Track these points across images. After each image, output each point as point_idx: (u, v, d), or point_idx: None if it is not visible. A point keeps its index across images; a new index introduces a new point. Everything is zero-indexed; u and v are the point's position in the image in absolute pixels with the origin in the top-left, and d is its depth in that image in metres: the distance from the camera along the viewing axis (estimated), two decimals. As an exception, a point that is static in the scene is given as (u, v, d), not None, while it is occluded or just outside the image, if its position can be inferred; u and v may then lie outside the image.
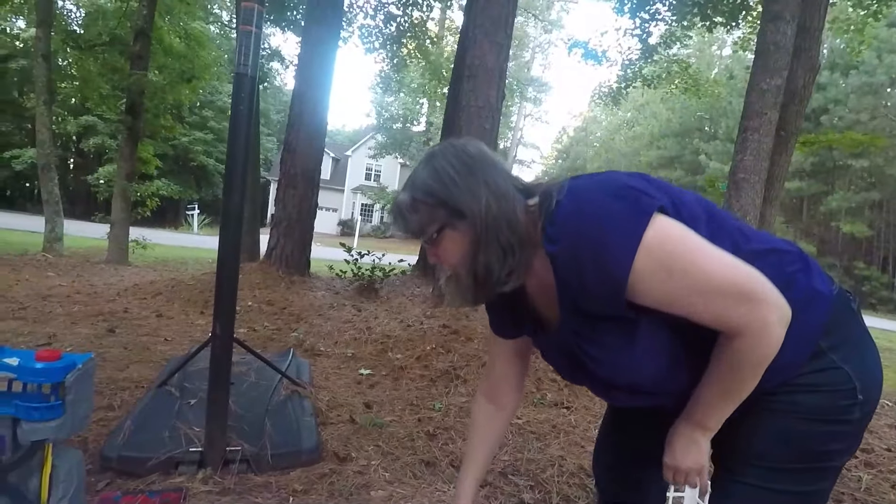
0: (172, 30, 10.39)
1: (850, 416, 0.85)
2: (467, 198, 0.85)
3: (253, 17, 1.91)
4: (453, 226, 0.87)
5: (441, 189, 0.87)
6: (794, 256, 0.88)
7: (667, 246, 0.76)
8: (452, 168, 0.87)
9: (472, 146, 0.91)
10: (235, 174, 1.92)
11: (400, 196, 0.92)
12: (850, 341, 0.87)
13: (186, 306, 4.50)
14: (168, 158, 25.44)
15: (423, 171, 0.90)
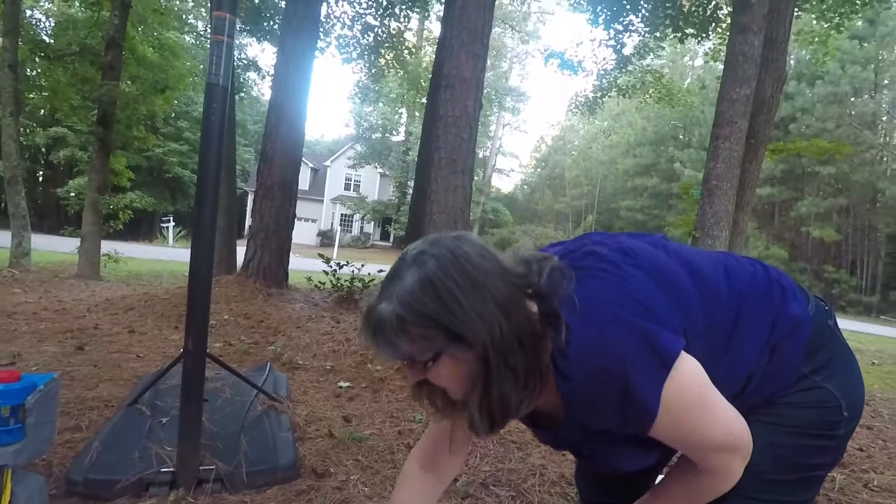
0: (146, 40, 10.24)
1: (837, 432, 0.87)
2: (474, 323, 0.71)
3: (225, 27, 1.89)
4: (452, 353, 0.74)
5: (441, 312, 0.71)
6: (774, 287, 0.90)
7: (683, 401, 0.74)
8: (455, 284, 0.72)
9: (471, 247, 0.76)
10: (207, 185, 1.89)
11: (381, 308, 0.73)
12: (832, 362, 0.89)
13: (160, 321, 4.39)
14: (142, 170, 25.03)
15: (415, 283, 0.72)
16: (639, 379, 0.71)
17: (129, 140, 10.16)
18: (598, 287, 0.77)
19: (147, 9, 10.13)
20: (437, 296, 0.71)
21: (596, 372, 0.72)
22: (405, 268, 0.75)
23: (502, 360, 0.73)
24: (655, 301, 0.77)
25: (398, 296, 0.73)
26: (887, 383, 5.45)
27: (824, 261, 23.24)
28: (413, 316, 0.72)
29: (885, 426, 3.38)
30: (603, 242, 0.88)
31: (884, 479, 2.54)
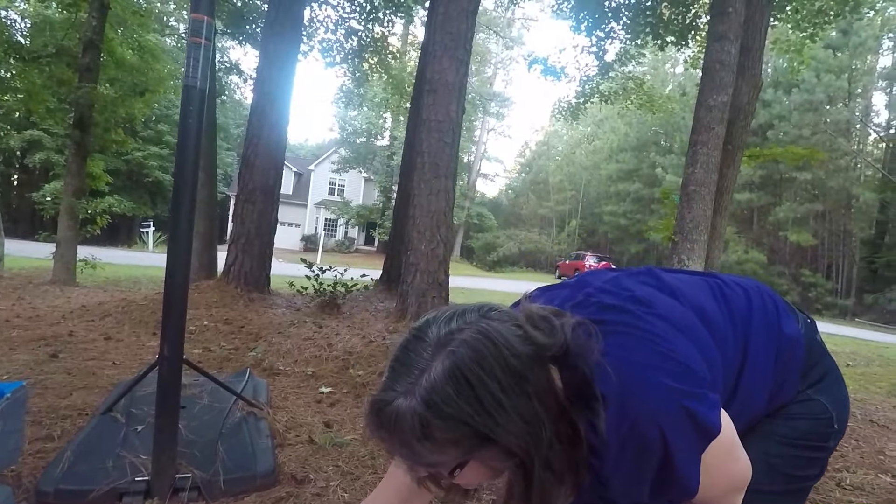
0: (125, 42, 10.09)
1: (828, 444, 0.89)
2: (517, 427, 0.61)
3: (202, 29, 1.87)
4: (484, 458, 0.63)
5: (478, 417, 0.59)
6: (769, 306, 0.90)
7: (715, 462, 0.70)
8: (496, 381, 0.60)
9: (503, 325, 0.64)
10: (184, 189, 1.87)
11: (399, 405, 0.60)
12: (823, 378, 0.90)
13: (137, 327, 4.31)
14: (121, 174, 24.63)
15: (446, 378, 0.59)
16: (680, 456, 0.66)
17: (107, 143, 9.97)
18: (628, 347, 0.69)
19: (126, 10, 9.98)
20: (475, 397, 0.59)
21: (632, 449, 0.66)
22: (427, 351, 0.62)
23: (545, 465, 0.64)
24: (690, 357, 0.71)
25: (423, 392, 0.59)
26: (860, 384, 5.56)
27: (801, 265, 23.72)
28: (442, 421, 0.59)
29: (858, 426, 3.45)
30: (608, 290, 0.80)
31: (856, 478, 2.59)
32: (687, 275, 0.94)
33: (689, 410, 0.65)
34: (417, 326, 0.67)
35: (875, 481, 2.58)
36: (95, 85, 7.92)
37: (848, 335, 11.08)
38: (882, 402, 4.22)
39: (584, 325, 0.68)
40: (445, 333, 0.63)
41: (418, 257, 4.69)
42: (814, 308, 21.48)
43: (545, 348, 0.64)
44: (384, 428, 0.62)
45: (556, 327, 0.66)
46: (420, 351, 0.63)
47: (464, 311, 0.66)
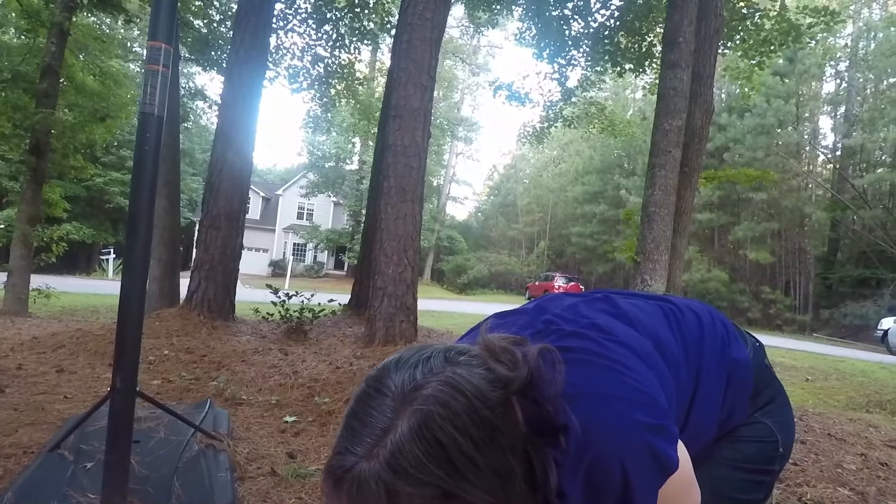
0: (86, 67, 9.93)
1: (772, 467, 0.90)
2: (490, 485, 0.56)
3: (160, 56, 1.87)
4: None
5: (450, 479, 0.54)
6: (718, 328, 0.90)
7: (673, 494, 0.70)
8: (470, 440, 0.55)
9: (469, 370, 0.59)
10: (140, 216, 1.83)
11: (361, 470, 0.54)
12: (771, 401, 0.92)
13: (93, 359, 4.14)
14: (80, 200, 23.90)
15: (412, 440, 0.54)
16: (639, 490, 0.65)
17: (65, 169, 9.74)
18: (592, 377, 0.68)
19: (88, 36, 9.86)
20: (447, 458, 0.54)
21: (593, 480, 0.65)
22: (390, 408, 0.56)
23: None
24: (652, 387, 0.71)
25: (388, 456, 0.53)
26: (819, 398, 5.73)
27: (761, 282, 24.50)
28: (411, 487, 0.53)
29: (817, 440, 3.53)
30: (568, 318, 0.79)
31: (816, 493, 2.65)
32: (643, 300, 0.94)
33: (652, 447, 0.65)
34: (375, 377, 0.60)
35: (834, 495, 2.65)
36: (53, 110, 7.74)
37: (807, 350, 11.45)
38: (839, 416, 4.35)
39: (548, 353, 0.65)
40: (410, 387, 0.57)
41: (386, 281, 4.68)
42: (774, 324, 22.14)
43: (510, 383, 0.60)
44: (345, 494, 0.55)
45: (518, 359, 0.63)
46: (382, 407, 0.56)
47: (428, 356, 0.61)
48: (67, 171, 10.09)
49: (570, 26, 9.36)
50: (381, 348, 4.43)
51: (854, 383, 6.61)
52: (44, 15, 8.00)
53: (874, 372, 7.47)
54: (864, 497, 2.65)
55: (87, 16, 9.81)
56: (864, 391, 6.19)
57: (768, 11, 8.06)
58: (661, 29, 7.99)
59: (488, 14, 11.17)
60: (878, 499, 2.65)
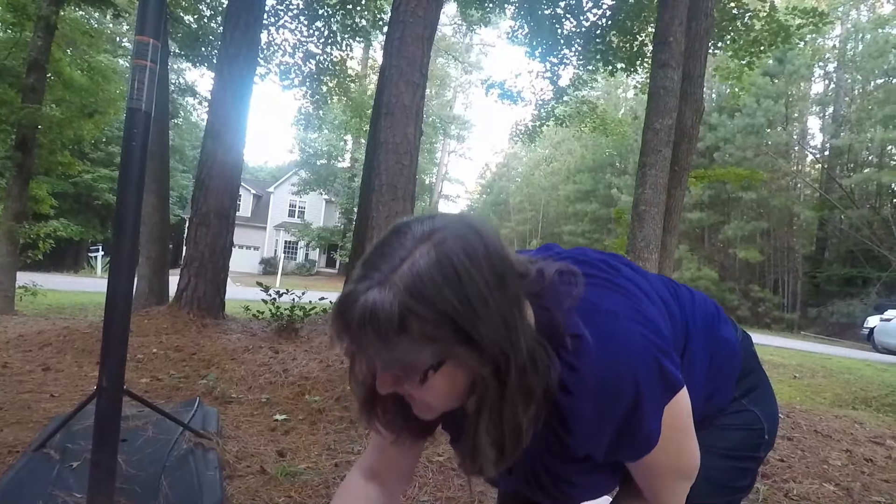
0: (74, 62, 9.82)
1: (758, 454, 0.91)
2: (498, 329, 0.58)
3: (148, 52, 1.85)
4: (459, 362, 0.59)
5: (462, 309, 0.56)
6: (710, 307, 0.91)
7: (675, 424, 0.70)
8: (482, 277, 0.57)
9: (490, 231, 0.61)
10: (127, 213, 1.81)
11: (373, 296, 0.55)
12: (756, 387, 0.93)
13: (80, 357, 4.10)
14: (68, 197, 23.64)
15: (432, 267, 0.55)
16: (649, 405, 0.65)
17: (52, 166, 9.61)
18: (607, 297, 0.69)
19: (76, 31, 9.74)
20: (461, 289, 0.55)
21: (606, 390, 0.64)
22: (409, 244, 0.57)
23: (520, 377, 0.60)
24: (658, 318, 0.73)
25: (406, 279, 0.55)
26: (807, 396, 5.80)
27: (750, 281, 24.73)
28: (425, 309, 0.54)
29: (804, 437, 3.58)
30: (573, 257, 0.80)
31: (802, 489, 2.68)
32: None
33: (660, 363, 0.65)
34: (396, 225, 0.62)
35: (820, 490, 2.68)
36: (40, 106, 7.64)
37: (795, 348, 11.57)
38: (825, 413, 4.40)
39: (566, 270, 0.68)
40: (430, 228, 0.58)
41: (377, 279, 4.67)
42: (763, 322, 22.36)
43: (524, 277, 0.63)
44: (354, 323, 0.55)
45: (536, 268, 0.66)
46: (402, 242, 0.57)
47: (443, 213, 0.63)
48: (55, 168, 9.96)
49: (563, 25, 9.37)
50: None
51: (840, 380, 6.69)
52: (30, 8, 7.88)
53: (860, 369, 7.56)
54: (848, 492, 2.69)
55: (74, 10, 9.70)
56: (850, 388, 6.26)
57: (758, 12, 8.12)
58: (652, 28, 8.02)
59: (481, 12, 11.17)
60: (863, 494, 2.69)
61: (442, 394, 0.63)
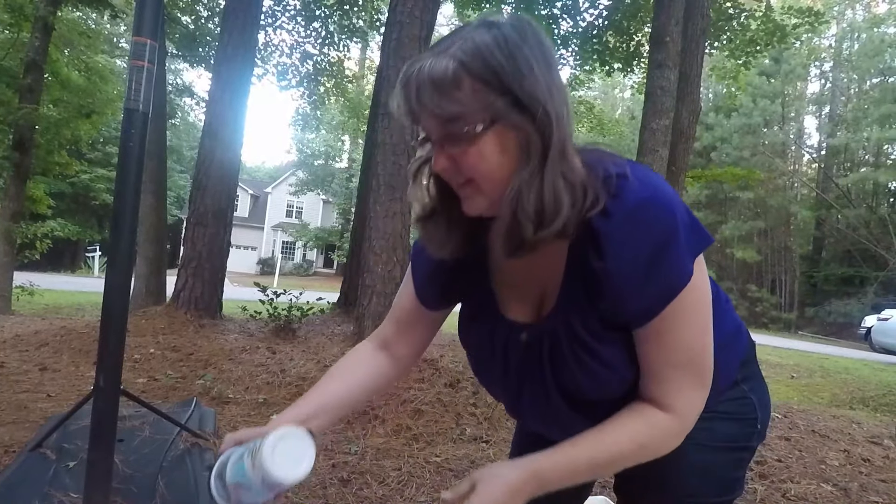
0: (71, 63, 9.81)
1: (752, 444, 0.90)
2: (543, 91, 0.62)
3: (145, 52, 1.85)
4: (508, 123, 0.63)
5: (510, 69, 0.61)
6: (724, 295, 0.89)
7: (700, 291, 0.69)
8: (531, 52, 0.63)
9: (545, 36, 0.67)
10: (124, 213, 1.81)
11: (431, 63, 0.62)
12: (755, 375, 0.91)
13: (77, 357, 4.09)
14: (66, 197, 23.60)
15: (487, 38, 0.62)
16: (683, 238, 0.64)
17: (49, 166, 9.61)
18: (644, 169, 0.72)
19: (73, 31, 9.73)
20: (511, 54, 0.61)
21: (643, 213, 0.64)
22: (466, 32, 0.63)
23: (561, 147, 0.63)
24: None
25: (460, 48, 0.62)
26: (805, 396, 5.80)
27: (748, 280, 24.80)
28: (477, 64, 0.61)
29: (801, 437, 3.58)
30: None
31: (800, 489, 2.69)
32: None
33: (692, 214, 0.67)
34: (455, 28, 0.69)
35: (818, 491, 2.69)
36: (37, 106, 7.63)
37: (792, 348, 11.59)
38: (823, 413, 4.41)
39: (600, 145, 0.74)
40: (486, 19, 0.65)
41: (374, 280, 4.67)
42: (760, 322, 22.40)
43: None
44: (414, 83, 0.62)
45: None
46: (460, 31, 0.65)
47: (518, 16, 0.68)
48: (52, 168, 9.96)
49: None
50: (370, 346, 4.41)
51: (838, 380, 6.71)
52: (27, 9, 7.87)
53: (857, 369, 7.58)
54: (846, 493, 2.70)
55: (72, 11, 9.69)
56: (847, 388, 6.28)
57: (754, 12, 8.15)
58: (648, 29, 8.04)
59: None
60: (860, 494, 2.69)
61: (491, 159, 0.65)
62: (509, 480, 0.68)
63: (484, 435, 2.97)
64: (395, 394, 3.36)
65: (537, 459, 0.70)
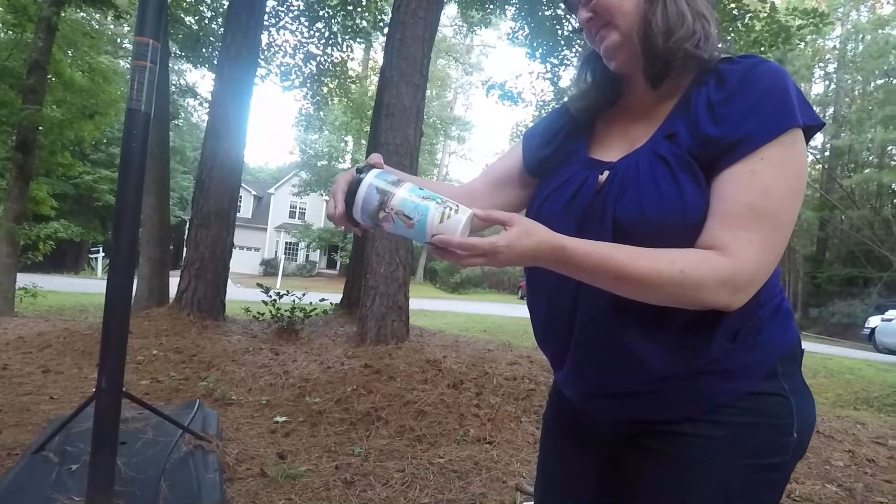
0: (75, 63, 9.82)
1: (784, 459, 0.75)
2: None
3: (147, 53, 1.84)
4: None
5: None
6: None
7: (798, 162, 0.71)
8: None
9: None
10: (126, 213, 1.81)
11: None
12: (799, 379, 0.80)
13: (80, 359, 4.09)
14: (69, 198, 23.65)
15: None
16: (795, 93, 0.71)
17: (52, 167, 9.61)
18: None
19: (77, 32, 9.75)
20: None
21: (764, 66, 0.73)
22: None
23: None
24: None
25: None
26: (808, 395, 5.78)
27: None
28: None
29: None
30: None
31: (805, 489, 2.67)
32: None
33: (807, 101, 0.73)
34: None
35: (822, 491, 2.67)
36: (41, 107, 7.64)
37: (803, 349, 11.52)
38: (827, 413, 4.39)
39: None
40: None
41: (377, 280, 4.66)
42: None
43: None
44: None
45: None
46: None
47: None
48: (55, 169, 9.97)
49: (563, 26, 9.37)
50: (373, 348, 4.41)
51: (842, 381, 6.68)
52: (31, 10, 7.88)
53: (861, 370, 7.54)
54: (851, 493, 2.68)
55: (75, 11, 9.71)
56: (851, 388, 6.25)
57: (759, 13, 8.12)
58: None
59: (481, 13, 11.17)
60: (865, 495, 2.68)
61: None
62: (540, 238, 0.68)
63: (487, 436, 2.95)
64: (399, 395, 3.35)
65: (570, 238, 0.70)
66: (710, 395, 0.75)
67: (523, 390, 3.62)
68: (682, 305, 0.70)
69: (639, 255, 0.69)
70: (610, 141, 0.86)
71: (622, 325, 0.75)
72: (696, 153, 0.72)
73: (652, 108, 0.82)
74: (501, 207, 0.92)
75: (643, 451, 0.80)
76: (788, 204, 0.70)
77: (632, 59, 0.81)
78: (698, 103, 0.75)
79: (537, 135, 0.95)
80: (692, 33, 0.76)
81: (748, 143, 0.69)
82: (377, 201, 0.72)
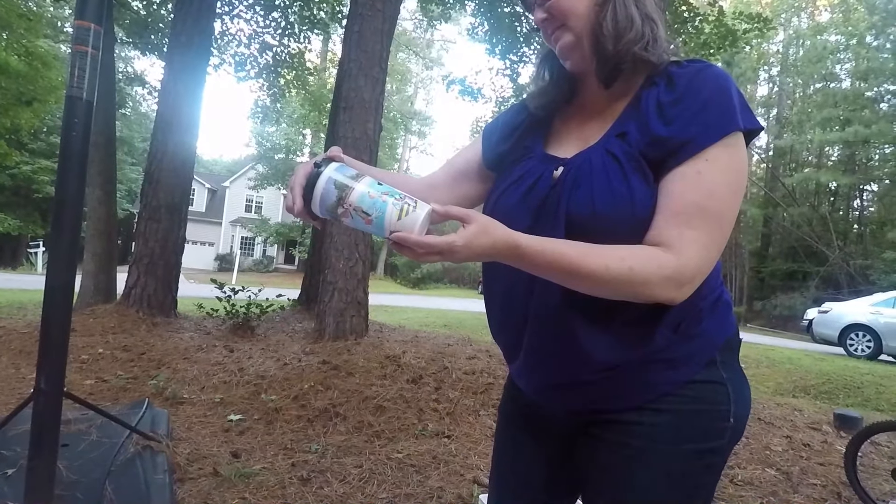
0: (10, 47, 9.24)
1: (722, 443, 0.80)
2: None
3: (89, 38, 1.76)
4: None
5: None
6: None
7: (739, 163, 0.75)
8: None
9: None
10: (66, 206, 1.73)
11: None
12: (736, 367, 0.84)
13: (17, 358, 3.88)
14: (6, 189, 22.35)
15: None
16: (737, 98, 0.75)
17: (-14, 156, 9.05)
18: None
19: (11, 13, 9.16)
20: None
21: (708, 71, 0.77)
22: None
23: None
24: None
25: None
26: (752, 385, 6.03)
27: (700, 276, 25.69)
28: None
29: (748, 424, 3.67)
30: None
31: (746, 474, 2.82)
32: None
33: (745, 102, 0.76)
34: None
35: (762, 475, 2.82)
36: (-29, 92, 7.17)
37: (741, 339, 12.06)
38: (768, 401, 4.62)
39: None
40: None
41: (336, 276, 4.61)
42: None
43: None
44: None
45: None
46: None
47: None
48: (-11, 159, 9.39)
49: (522, 23, 9.46)
50: (331, 343, 4.36)
51: (782, 370, 7.04)
52: (-40, -12, 7.38)
53: (800, 359, 7.96)
54: (788, 476, 2.84)
55: (10, -9, 9.12)
56: (790, 377, 6.59)
57: (707, 16, 8.43)
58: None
59: (441, 8, 11.14)
60: (801, 477, 2.84)
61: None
62: (496, 237, 0.70)
63: (446, 430, 2.97)
64: (357, 391, 3.33)
65: (523, 235, 0.71)
66: (655, 383, 0.79)
67: (482, 384, 3.66)
68: (630, 300, 0.73)
69: (590, 252, 0.71)
70: (566, 138, 0.88)
71: (572, 318, 0.78)
72: (645, 151, 0.76)
73: (605, 107, 0.85)
74: (461, 200, 0.97)
75: (593, 440, 0.84)
76: (730, 203, 0.74)
77: (585, 60, 0.84)
78: (648, 104, 0.78)
79: (497, 130, 0.97)
80: (641, 37, 0.79)
81: (694, 145, 0.73)
82: (335, 196, 0.71)
